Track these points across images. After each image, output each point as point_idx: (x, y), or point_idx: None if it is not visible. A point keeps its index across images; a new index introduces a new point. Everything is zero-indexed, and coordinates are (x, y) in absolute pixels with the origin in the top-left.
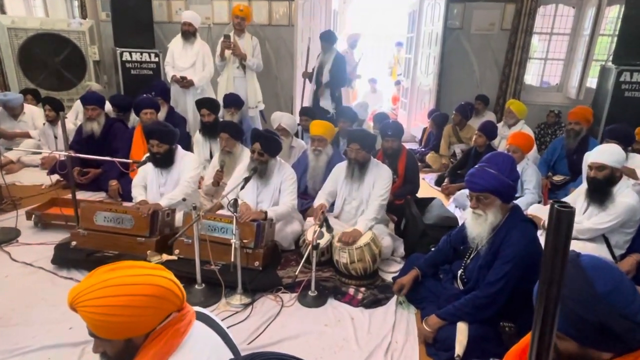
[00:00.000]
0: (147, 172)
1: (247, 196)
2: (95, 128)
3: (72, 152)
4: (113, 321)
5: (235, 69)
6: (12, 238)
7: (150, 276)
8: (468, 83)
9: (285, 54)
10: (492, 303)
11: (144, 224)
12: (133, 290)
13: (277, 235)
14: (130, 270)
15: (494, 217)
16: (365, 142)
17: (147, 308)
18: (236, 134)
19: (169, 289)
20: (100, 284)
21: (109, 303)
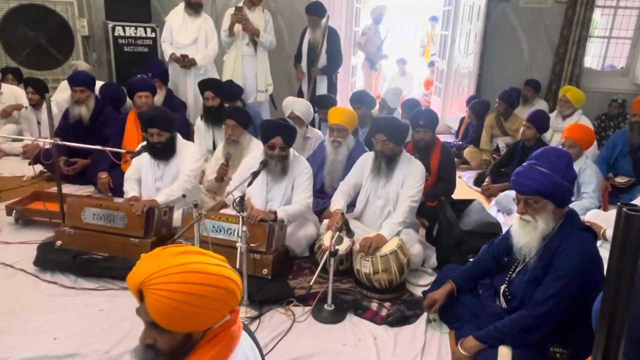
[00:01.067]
0: (141, 164)
1: (255, 193)
2: (83, 113)
3: (59, 139)
4: (184, 310)
5: (245, 46)
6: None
7: (221, 267)
8: (515, 65)
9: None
10: (540, 325)
11: (138, 223)
12: (209, 279)
13: (288, 239)
14: (202, 258)
15: (545, 225)
16: (394, 132)
17: (218, 301)
18: (244, 120)
19: (237, 282)
20: (176, 267)
21: (185, 290)
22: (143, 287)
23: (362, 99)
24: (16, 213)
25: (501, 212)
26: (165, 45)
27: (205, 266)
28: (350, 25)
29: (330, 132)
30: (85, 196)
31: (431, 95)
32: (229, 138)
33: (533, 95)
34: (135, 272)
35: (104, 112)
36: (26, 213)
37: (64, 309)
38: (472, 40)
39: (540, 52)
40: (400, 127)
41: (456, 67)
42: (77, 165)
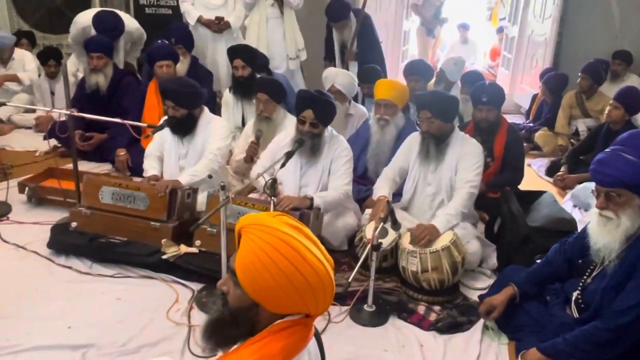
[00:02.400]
0: (164, 140)
1: (287, 177)
2: (101, 82)
3: (75, 110)
4: (263, 276)
5: (269, 8)
6: (2, 214)
7: (322, 264)
8: (602, 33)
9: None
10: (619, 339)
11: (160, 206)
12: (301, 265)
13: (325, 230)
14: (310, 244)
15: (630, 223)
16: (440, 107)
17: (297, 291)
18: (278, 94)
19: (325, 290)
20: (283, 234)
21: (275, 258)
22: (243, 230)
23: (418, 69)
24: (29, 191)
25: (577, 207)
26: (185, 6)
27: (307, 252)
28: None
29: (376, 108)
30: (104, 174)
31: (498, 68)
32: (260, 114)
33: (624, 69)
34: (247, 217)
35: (123, 81)
36: (40, 191)
37: (78, 296)
38: (549, 2)
39: (634, 18)
40: (447, 100)
41: (529, 34)
42: (93, 140)
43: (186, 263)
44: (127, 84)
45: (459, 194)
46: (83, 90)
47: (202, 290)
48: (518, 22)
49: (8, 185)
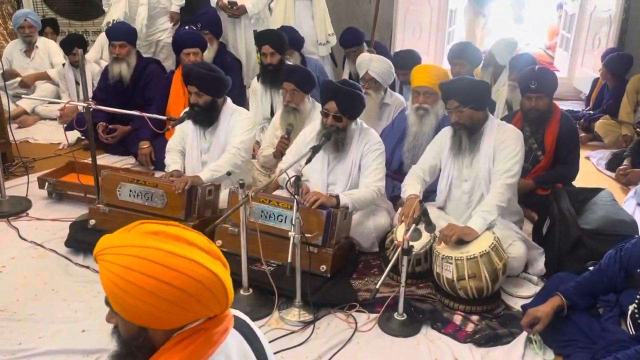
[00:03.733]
0: (186, 133)
1: (314, 174)
2: (124, 71)
3: (93, 102)
4: (129, 301)
5: None
6: (22, 210)
7: (195, 264)
8: None
9: None
10: None
11: (178, 203)
12: (165, 276)
13: (354, 230)
14: (176, 246)
15: None
16: (468, 94)
17: (173, 304)
18: (305, 83)
19: (212, 290)
20: (136, 249)
21: (132, 279)
22: (97, 258)
23: (465, 53)
24: (49, 186)
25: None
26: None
27: (169, 257)
28: None
29: (414, 96)
30: (123, 169)
31: (555, 48)
32: (287, 105)
33: None
34: (101, 241)
35: (147, 70)
36: (60, 186)
37: (94, 297)
38: None
39: None
40: (475, 85)
41: (592, 10)
42: (117, 132)
43: None
44: (151, 73)
45: (495, 186)
46: (106, 80)
47: None
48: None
49: (28, 180)
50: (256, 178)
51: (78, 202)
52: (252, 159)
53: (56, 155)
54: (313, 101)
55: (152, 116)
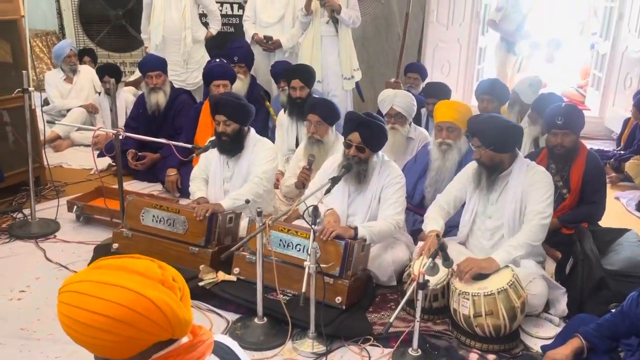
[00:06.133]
0: (210, 162)
1: (334, 205)
2: (161, 100)
3: (122, 130)
4: (73, 335)
5: (324, 26)
6: (50, 232)
7: (126, 291)
8: None
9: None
10: None
11: (199, 230)
12: (96, 307)
13: (372, 263)
14: (110, 276)
15: None
16: (491, 136)
17: (109, 332)
18: (330, 115)
19: (146, 315)
20: (71, 285)
21: (68, 313)
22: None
23: (493, 89)
24: (77, 209)
25: None
26: (247, 25)
27: (101, 288)
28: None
29: (437, 131)
30: (148, 195)
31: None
32: (311, 137)
33: None
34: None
35: (179, 99)
36: (87, 210)
37: None
38: None
39: None
40: (500, 129)
41: (623, 50)
42: (146, 159)
43: (223, 291)
44: (182, 103)
45: (528, 226)
46: (139, 108)
47: (237, 322)
48: (611, 37)
49: (58, 204)
50: (278, 207)
51: (104, 225)
52: (275, 189)
53: (87, 180)
54: (337, 133)
55: (179, 144)
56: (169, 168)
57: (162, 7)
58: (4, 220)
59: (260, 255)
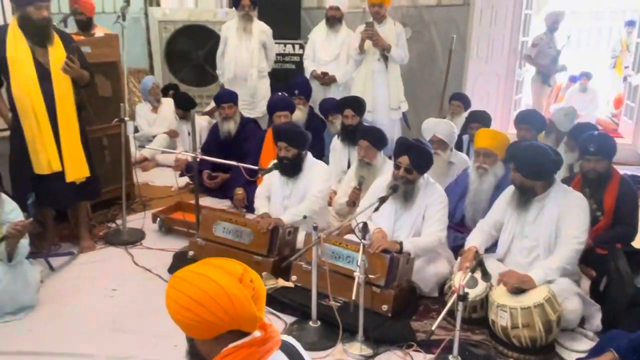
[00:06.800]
0: (272, 182)
1: (381, 221)
2: (231, 128)
3: (199, 153)
4: (171, 312)
5: (376, 62)
6: (137, 240)
7: (208, 279)
8: None
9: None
10: None
11: (262, 241)
12: (185, 288)
13: (416, 275)
14: (203, 268)
15: None
16: (526, 164)
17: (190, 311)
18: (379, 141)
19: (218, 302)
20: (182, 272)
21: (170, 292)
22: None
23: (529, 119)
24: (159, 221)
25: None
26: (307, 62)
27: (193, 275)
28: (516, 35)
29: (475, 156)
30: (219, 210)
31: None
32: (361, 160)
33: None
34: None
35: (247, 127)
36: (168, 222)
37: None
38: None
39: None
40: (534, 158)
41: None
42: (218, 179)
43: (282, 296)
44: (250, 130)
45: (564, 250)
46: (214, 135)
47: (293, 324)
48: None
49: (144, 216)
50: (330, 223)
51: (182, 235)
52: (329, 206)
53: (168, 196)
54: (384, 157)
55: (246, 166)
56: (237, 187)
57: (235, 47)
58: (101, 229)
59: (315, 265)
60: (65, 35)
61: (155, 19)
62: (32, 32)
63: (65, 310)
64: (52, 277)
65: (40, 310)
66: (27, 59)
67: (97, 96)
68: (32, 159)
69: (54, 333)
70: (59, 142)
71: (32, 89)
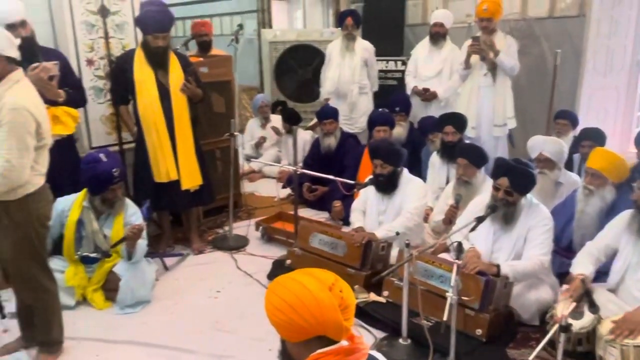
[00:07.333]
0: (368, 196)
1: (479, 241)
2: (332, 143)
3: (300, 167)
4: (268, 314)
5: (482, 77)
6: (242, 246)
7: (302, 286)
8: None
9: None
10: None
11: (356, 254)
12: (280, 291)
13: (514, 300)
14: (302, 276)
15: None
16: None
17: (283, 313)
18: (478, 159)
19: (307, 306)
20: (281, 278)
21: (268, 295)
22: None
23: None
24: (262, 229)
25: None
26: (408, 79)
27: (289, 281)
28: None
29: (585, 175)
30: (317, 222)
31: None
32: (459, 178)
33: None
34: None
35: (346, 142)
36: (270, 230)
37: None
38: None
39: None
40: None
41: None
42: (317, 192)
43: (373, 311)
44: (350, 145)
45: None
46: (316, 149)
47: (383, 339)
48: None
49: (249, 223)
50: (425, 240)
51: (281, 244)
52: (424, 223)
53: (271, 206)
54: (485, 175)
55: (343, 180)
56: (335, 200)
57: (338, 64)
58: (210, 234)
59: (407, 282)
60: (184, 58)
61: (267, 40)
62: (151, 58)
63: (175, 307)
64: (166, 275)
65: (154, 305)
66: (151, 80)
67: (211, 112)
68: (153, 169)
69: (163, 327)
70: (175, 153)
71: (154, 107)
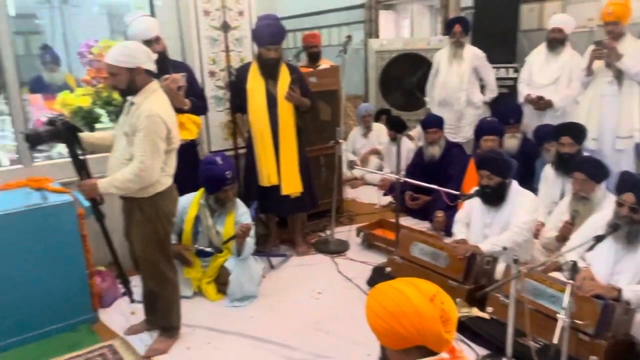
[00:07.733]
0: (472, 208)
1: (597, 261)
2: (436, 152)
3: (402, 176)
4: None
5: (606, 85)
6: (342, 250)
7: (402, 295)
8: None
9: None
10: None
11: (459, 267)
12: (381, 299)
13: (638, 329)
14: (400, 284)
15: None
16: None
17: (383, 320)
18: (597, 174)
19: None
20: (382, 285)
21: (369, 302)
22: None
23: None
24: (362, 235)
25: None
26: (521, 86)
27: (390, 289)
28: None
29: None
30: (418, 231)
31: None
32: (576, 193)
33: None
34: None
35: (452, 151)
36: (370, 237)
37: None
38: None
39: None
40: None
41: None
42: (419, 201)
43: (475, 326)
44: (455, 155)
45: None
46: (419, 158)
47: (485, 357)
48: None
49: (350, 229)
50: (535, 257)
51: (381, 251)
52: (534, 239)
53: (372, 212)
54: (605, 191)
55: (447, 191)
56: (438, 210)
57: (445, 72)
58: (313, 236)
59: (514, 300)
60: (293, 68)
61: (373, 50)
62: (263, 68)
63: (279, 305)
64: (271, 273)
65: (261, 301)
66: (261, 90)
67: (318, 120)
68: (258, 173)
69: (267, 322)
70: (278, 160)
71: (262, 115)
